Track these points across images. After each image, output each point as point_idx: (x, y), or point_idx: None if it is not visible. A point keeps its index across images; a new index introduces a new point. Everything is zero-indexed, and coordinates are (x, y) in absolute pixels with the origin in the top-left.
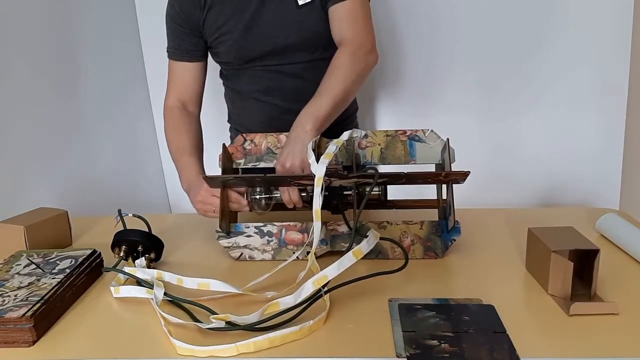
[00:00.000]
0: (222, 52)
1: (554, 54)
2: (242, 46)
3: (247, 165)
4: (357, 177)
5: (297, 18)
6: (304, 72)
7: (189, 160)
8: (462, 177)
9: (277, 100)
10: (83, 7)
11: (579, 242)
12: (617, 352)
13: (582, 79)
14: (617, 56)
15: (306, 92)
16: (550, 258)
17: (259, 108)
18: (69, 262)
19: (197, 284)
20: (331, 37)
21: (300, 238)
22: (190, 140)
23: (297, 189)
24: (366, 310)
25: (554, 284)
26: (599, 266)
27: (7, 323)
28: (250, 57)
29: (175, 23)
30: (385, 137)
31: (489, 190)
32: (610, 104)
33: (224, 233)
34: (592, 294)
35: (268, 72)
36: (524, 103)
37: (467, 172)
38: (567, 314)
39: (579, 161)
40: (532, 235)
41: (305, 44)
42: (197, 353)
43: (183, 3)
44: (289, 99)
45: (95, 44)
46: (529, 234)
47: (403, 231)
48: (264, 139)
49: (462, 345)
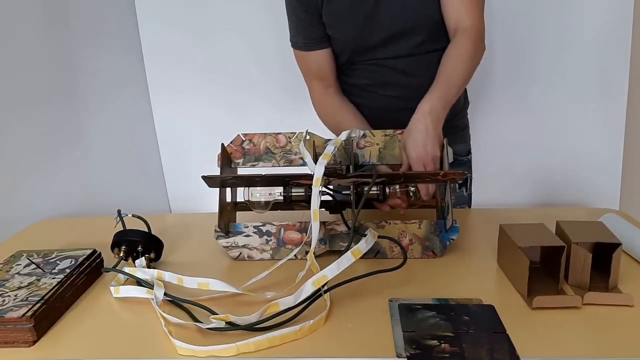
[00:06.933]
0: (339, 40)
1: (554, 54)
2: (359, 35)
3: (246, 165)
4: (356, 176)
5: (415, 4)
6: (415, 67)
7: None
8: (459, 177)
9: (393, 93)
10: (83, 8)
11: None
12: (617, 352)
13: (582, 79)
14: (617, 56)
15: (420, 88)
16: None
17: (375, 100)
18: (69, 262)
19: (197, 284)
20: (443, 27)
21: (299, 237)
22: (355, 119)
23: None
24: (366, 310)
25: (573, 275)
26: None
27: (7, 323)
28: (365, 47)
29: (296, 15)
30: (383, 136)
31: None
32: (610, 104)
33: (223, 232)
34: (610, 286)
35: (380, 67)
36: (524, 103)
37: (465, 172)
38: (581, 303)
39: (579, 161)
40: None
41: (421, 30)
42: (197, 353)
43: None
44: (403, 95)
45: (95, 45)
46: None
47: (401, 230)
48: (263, 138)
49: (462, 345)
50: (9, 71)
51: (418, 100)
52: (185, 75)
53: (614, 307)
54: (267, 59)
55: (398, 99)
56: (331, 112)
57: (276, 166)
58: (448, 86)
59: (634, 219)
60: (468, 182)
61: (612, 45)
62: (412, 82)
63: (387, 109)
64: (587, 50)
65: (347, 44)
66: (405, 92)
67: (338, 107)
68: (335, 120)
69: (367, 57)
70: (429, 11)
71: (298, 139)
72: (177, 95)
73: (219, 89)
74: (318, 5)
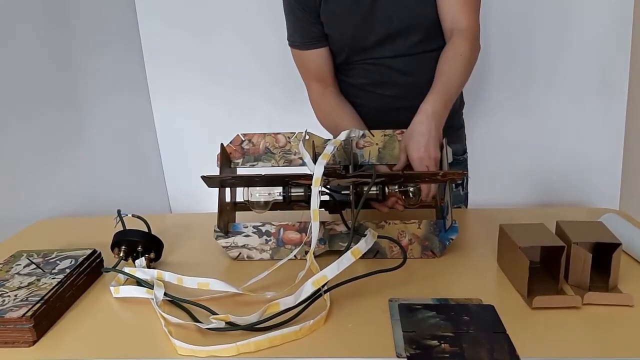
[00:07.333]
0: (337, 39)
1: (554, 53)
2: (356, 34)
3: (246, 166)
4: (355, 176)
5: (412, 3)
6: (412, 66)
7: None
8: (459, 177)
9: (389, 93)
10: (83, 8)
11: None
12: (617, 352)
13: (582, 79)
14: (617, 56)
15: (416, 87)
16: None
17: (373, 99)
18: (69, 262)
19: (197, 284)
20: (440, 27)
21: (298, 238)
22: (352, 119)
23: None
24: (366, 310)
25: (573, 275)
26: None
27: (7, 323)
28: (363, 46)
29: (294, 14)
30: (383, 136)
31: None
32: (610, 104)
33: (222, 233)
34: (610, 286)
35: (377, 66)
36: (524, 103)
37: (464, 172)
38: (581, 303)
39: (579, 161)
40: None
41: (418, 30)
42: (197, 353)
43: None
44: (400, 95)
45: (95, 45)
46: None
47: (401, 230)
48: (262, 138)
49: (462, 345)
50: (9, 71)
51: (415, 100)
52: (186, 75)
53: (614, 307)
54: (266, 59)
55: (395, 98)
56: (329, 112)
57: (275, 166)
58: (449, 87)
59: (634, 219)
60: (464, 182)
61: (612, 45)
62: (409, 81)
63: (384, 108)
64: (587, 50)
65: (345, 43)
66: (402, 91)
67: (336, 107)
68: (332, 121)
69: (365, 56)
70: (426, 11)
71: (297, 139)
72: (177, 95)
73: (219, 89)
74: (316, 4)
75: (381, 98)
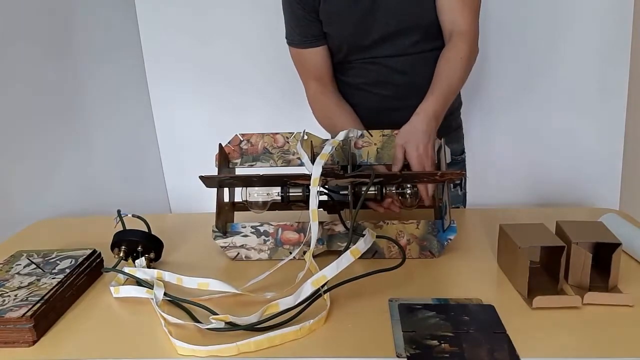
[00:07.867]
0: (336, 38)
1: (554, 54)
2: (355, 33)
3: (244, 166)
4: (353, 177)
5: (411, 3)
6: (410, 66)
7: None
8: (457, 177)
9: (387, 92)
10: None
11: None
12: (617, 352)
13: (583, 79)
14: (617, 57)
15: (413, 87)
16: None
17: (370, 99)
18: (69, 262)
19: (196, 284)
20: (439, 27)
21: (296, 238)
22: (350, 119)
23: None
24: (366, 310)
25: (573, 275)
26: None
27: (7, 323)
28: (361, 45)
29: (293, 12)
30: (381, 136)
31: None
32: (611, 105)
33: (221, 233)
34: (610, 286)
35: (376, 66)
36: (524, 103)
37: (462, 172)
38: (581, 303)
39: (579, 161)
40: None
41: (417, 30)
42: (197, 353)
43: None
44: (397, 94)
45: (95, 45)
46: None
47: (399, 231)
48: (261, 138)
49: (462, 345)
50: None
51: (412, 99)
52: (185, 77)
53: (614, 307)
54: (265, 61)
55: (393, 98)
56: (327, 112)
57: (274, 166)
58: (448, 89)
59: (634, 219)
60: (463, 182)
61: (612, 45)
62: (407, 80)
63: (382, 108)
64: (587, 50)
65: (343, 41)
66: (400, 91)
67: (334, 107)
68: (331, 120)
69: (363, 55)
70: (425, 11)
71: (296, 139)
72: (177, 96)
73: (218, 90)
74: (315, 3)
75: (378, 98)
